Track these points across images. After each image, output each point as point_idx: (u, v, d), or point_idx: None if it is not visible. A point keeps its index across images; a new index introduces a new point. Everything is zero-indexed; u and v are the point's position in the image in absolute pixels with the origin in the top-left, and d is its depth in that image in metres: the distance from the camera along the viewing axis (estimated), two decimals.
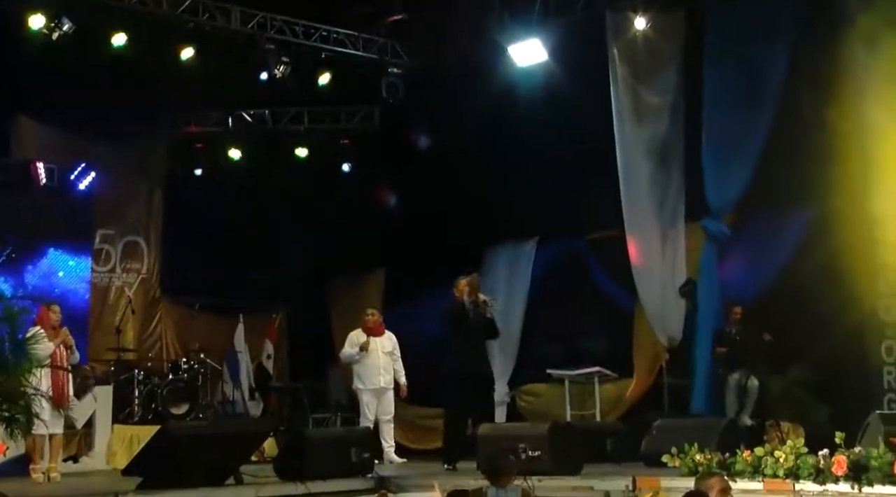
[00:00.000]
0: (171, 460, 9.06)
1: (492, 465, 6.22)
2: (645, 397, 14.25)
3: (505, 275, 15.68)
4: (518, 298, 15.49)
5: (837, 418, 10.62)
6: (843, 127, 11.77)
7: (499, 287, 15.52)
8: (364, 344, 12.57)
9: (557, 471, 9.61)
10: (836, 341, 11.90)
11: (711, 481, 6.88)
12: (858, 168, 11.66)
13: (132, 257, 16.31)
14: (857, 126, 11.63)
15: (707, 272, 13.15)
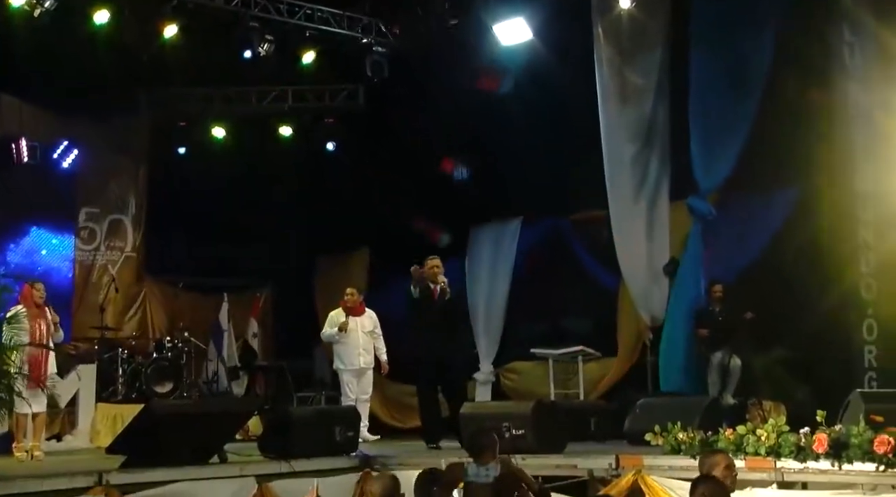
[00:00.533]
0: (154, 439, 9.05)
1: (473, 442, 6.22)
2: (628, 376, 14.32)
3: (489, 254, 15.72)
4: (502, 278, 15.54)
5: (819, 397, 10.67)
6: (827, 108, 11.81)
7: (483, 266, 15.59)
8: (343, 324, 12.56)
9: (541, 449, 9.63)
10: (818, 320, 11.96)
11: (716, 458, 6.91)
12: (842, 149, 11.69)
13: (116, 236, 16.28)
14: (842, 107, 11.66)
15: (692, 251, 13.18)
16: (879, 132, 11.37)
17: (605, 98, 13.36)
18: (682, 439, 8.93)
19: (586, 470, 9.15)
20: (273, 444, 9.97)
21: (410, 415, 14.12)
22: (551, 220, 15.59)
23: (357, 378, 12.67)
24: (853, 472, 7.84)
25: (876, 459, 7.70)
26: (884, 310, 11.27)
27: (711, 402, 10.79)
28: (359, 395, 12.60)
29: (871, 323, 11.37)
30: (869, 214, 11.50)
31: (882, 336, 11.21)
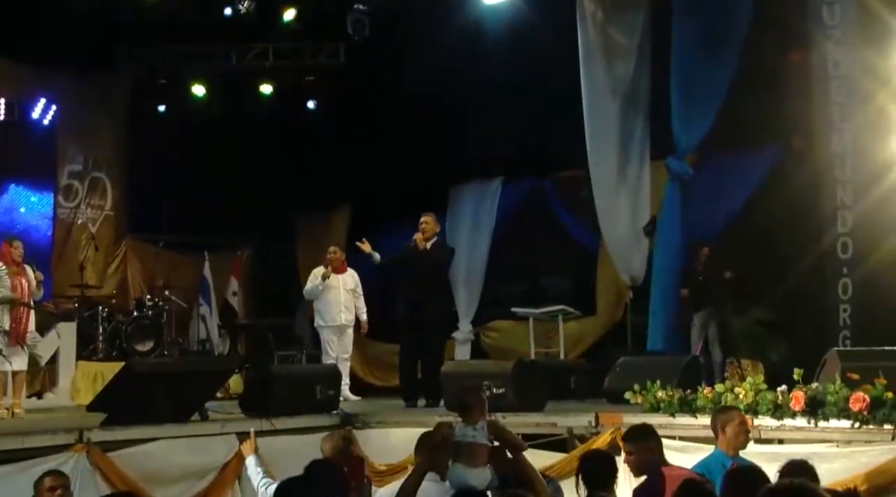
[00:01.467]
0: (135, 397, 9.06)
1: (461, 401, 6.21)
2: (608, 335, 14.40)
3: (470, 213, 15.73)
4: (483, 237, 15.56)
5: (796, 355, 10.77)
6: (806, 68, 11.82)
7: (463, 226, 15.60)
8: (325, 273, 12.57)
9: (521, 407, 9.70)
10: (796, 279, 12.05)
11: (732, 413, 6.99)
12: (821, 109, 11.72)
13: (96, 194, 16.18)
14: (821, 67, 11.67)
15: (670, 211, 13.22)
16: (857, 92, 11.39)
17: (588, 56, 13.32)
18: (661, 398, 9.01)
19: (566, 428, 9.23)
20: (254, 402, 10.01)
21: (391, 373, 14.16)
22: (532, 179, 15.59)
23: (338, 335, 12.69)
24: (829, 429, 7.95)
25: (851, 417, 7.81)
26: (859, 269, 11.34)
27: (690, 360, 10.86)
28: (339, 354, 12.63)
29: (846, 282, 11.44)
30: (846, 174, 11.54)
31: (856, 295, 11.29)
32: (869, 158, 11.23)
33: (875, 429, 7.72)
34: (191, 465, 8.83)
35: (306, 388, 10.28)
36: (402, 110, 15.26)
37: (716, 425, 6.94)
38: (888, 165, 10.88)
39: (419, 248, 11.55)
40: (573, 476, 7.35)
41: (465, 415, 5.99)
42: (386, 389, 14.18)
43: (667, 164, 13.16)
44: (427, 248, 11.60)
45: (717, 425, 6.93)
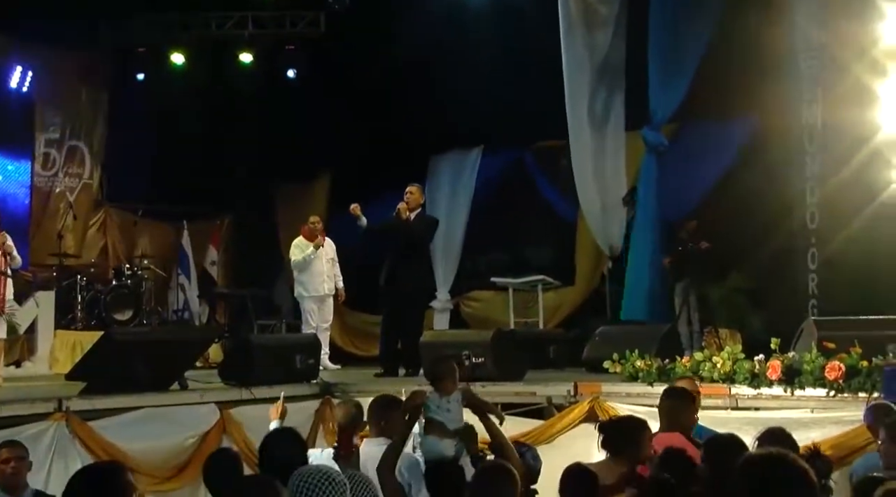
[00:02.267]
0: (114, 366, 9.04)
1: (433, 370, 6.22)
2: (587, 305, 14.44)
3: (449, 183, 15.72)
4: (461, 206, 15.56)
5: (773, 324, 10.83)
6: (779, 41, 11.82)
7: (442, 195, 15.59)
8: (317, 242, 12.56)
9: (501, 377, 9.74)
10: (771, 250, 12.12)
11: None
12: (793, 82, 11.74)
13: (74, 162, 16.09)
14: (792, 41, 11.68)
15: (646, 182, 13.23)
16: (828, 65, 11.41)
17: (568, 26, 13.26)
18: (639, 367, 9.07)
19: (545, 397, 9.28)
20: (234, 372, 10.01)
21: (371, 343, 14.19)
22: (512, 149, 15.59)
23: (319, 305, 12.71)
24: (805, 397, 8.04)
25: (827, 385, 7.89)
26: (825, 239, 11.43)
27: (669, 330, 10.92)
28: (319, 324, 12.64)
29: (814, 251, 11.54)
30: (816, 147, 11.60)
31: (823, 265, 11.38)
32: (838, 130, 11.27)
33: (850, 397, 7.81)
34: (171, 435, 8.82)
35: (286, 358, 10.27)
36: (382, 80, 15.21)
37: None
38: (859, 138, 10.92)
39: (402, 218, 11.54)
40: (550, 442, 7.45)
41: (437, 385, 6.00)
42: (365, 359, 14.20)
43: (643, 135, 13.17)
44: (410, 218, 11.60)
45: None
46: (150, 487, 8.28)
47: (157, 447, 8.69)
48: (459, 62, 14.65)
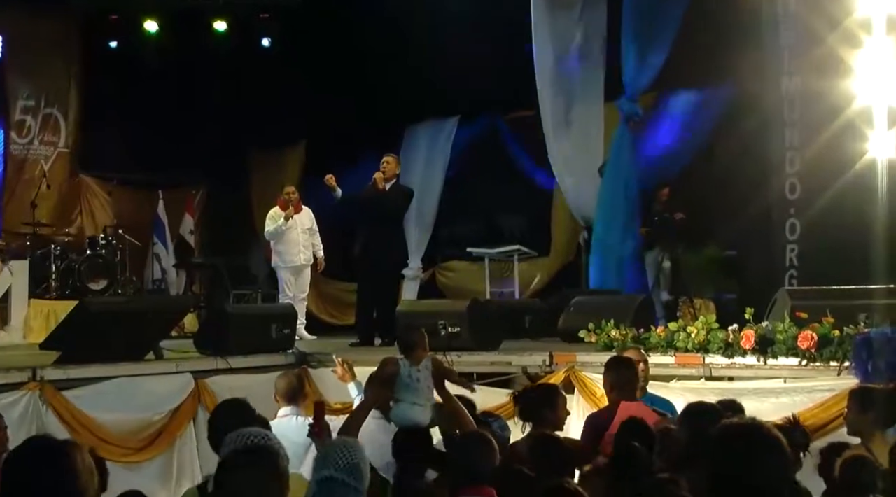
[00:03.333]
0: (89, 335, 9.01)
1: (403, 341, 6.26)
2: (563, 275, 14.49)
3: (424, 152, 15.69)
4: (436, 176, 15.56)
5: (748, 294, 10.91)
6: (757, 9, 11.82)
7: (417, 164, 15.56)
8: (288, 213, 12.52)
9: (476, 347, 9.76)
10: (747, 220, 12.16)
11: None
12: (771, 51, 11.76)
13: (49, 130, 15.96)
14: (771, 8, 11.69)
15: (622, 152, 13.25)
16: (807, 34, 11.43)
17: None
18: (614, 337, 9.10)
19: (521, 367, 9.31)
20: (209, 341, 9.98)
21: (346, 311, 14.21)
22: (487, 118, 15.58)
23: (296, 275, 12.70)
24: (777, 366, 8.11)
25: (800, 354, 7.97)
26: (806, 210, 11.48)
27: (644, 300, 10.97)
28: (296, 293, 12.64)
29: (793, 222, 11.59)
30: (795, 116, 11.64)
31: (803, 235, 11.44)
32: (817, 99, 11.31)
33: (822, 366, 7.89)
34: (145, 404, 8.81)
35: (261, 327, 10.25)
36: (357, 48, 15.13)
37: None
38: (836, 108, 10.97)
39: (378, 188, 11.50)
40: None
41: (407, 353, 6.04)
42: (341, 328, 14.21)
43: (618, 105, 13.17)
44: (386, 188, 11.56)
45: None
46: (121, 458, 8.26)
47: (131, 417, 8.66)
48: (436, 31, 14.59)
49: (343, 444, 4.72)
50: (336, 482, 4.49)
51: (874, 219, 10.19)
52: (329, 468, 4.56)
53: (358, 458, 4.66)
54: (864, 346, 7.46)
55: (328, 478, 4.52)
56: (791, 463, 3.50)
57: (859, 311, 8.18)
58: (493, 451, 4.83)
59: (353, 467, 4.58)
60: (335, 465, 4.56)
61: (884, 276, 9.26)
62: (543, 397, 6.34)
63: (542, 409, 6.16)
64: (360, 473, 4.64)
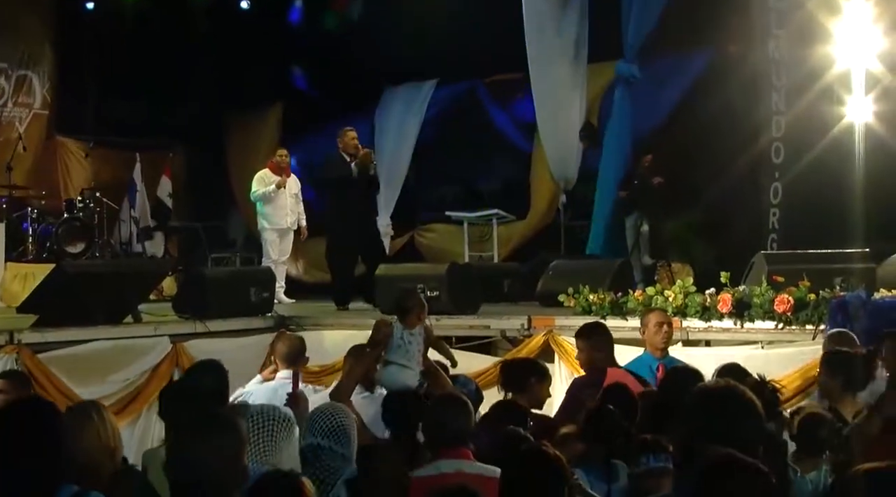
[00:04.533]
0: (67, 298, 8.98)
1: (400, 304, 6.26)
2: (542, 238, 14.51)
3: (400, 114, 15.62)
4: (408, 137, 15.48)
5: (728, 258, 10.97)
6: None
7: (392, 125, 15.51)
8: (280, 181, 12.47)
9: (455, 310, 9.78)
10: (730, 183, 12.21)
11: (648, 315, 7.30)
12: (758, 14, 11.75)
13: (23, 92, 15.80)
14: None
15: (618, 116, 13.25)
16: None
17: None
18: (593, 300, 9.15)
19: (499, 330, 9.35)
20: (187, 305, 9.97)
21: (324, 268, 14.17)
22: (467, 82, 15.53)
23: (281, 238, 12.67)
24: (754, 330, 8.18)
25: (776, 318, 8.04)
26: (789, 173, 11.53)
27: (622, 264, 11.00)
28: (279, 257, 12.62)
29: (777, 186, 11.64)
30: (782, 80, 11.65)
31: (786, 199, 11.50)
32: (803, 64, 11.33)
33: (798, 329, 7.97)
34: (123, 367, 8.80)
35: (240, 291, 10.24)
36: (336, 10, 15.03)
37: (641, 328, 7.20)
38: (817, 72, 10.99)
39: (369, 162, 11.42)
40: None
41: (402, 317, 6.05)
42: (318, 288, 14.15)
43: (616, 67, 13.14)
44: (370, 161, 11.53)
45: (641, 327, 7.18)
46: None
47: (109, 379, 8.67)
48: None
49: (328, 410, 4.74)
50: (322, 449, 4.51)
51: (852, 183, 10.25)
52: (315, 435, 4.57)
53: (344, 422, 4.67)
54: (839, 309, 7.52)
55: (314, 445, 4.54)
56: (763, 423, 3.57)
57: (835, 274, 8.26)
58: (469, 412, 4.86)
59: (338, 433, 4.60)
60: (320, 432, 4.58)
61: (861, 240, 9.34)
62: (529, 370, 6.37)
63: (525, 381, 6.19)
64: (347, 438, 4.66)
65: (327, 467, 4.40)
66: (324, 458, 4.54)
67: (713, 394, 3.62)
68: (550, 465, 3.88)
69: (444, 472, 4.55)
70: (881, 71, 10.45)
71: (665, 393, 5.33)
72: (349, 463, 4.59)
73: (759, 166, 11.92)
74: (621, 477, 4.58)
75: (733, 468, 3.15)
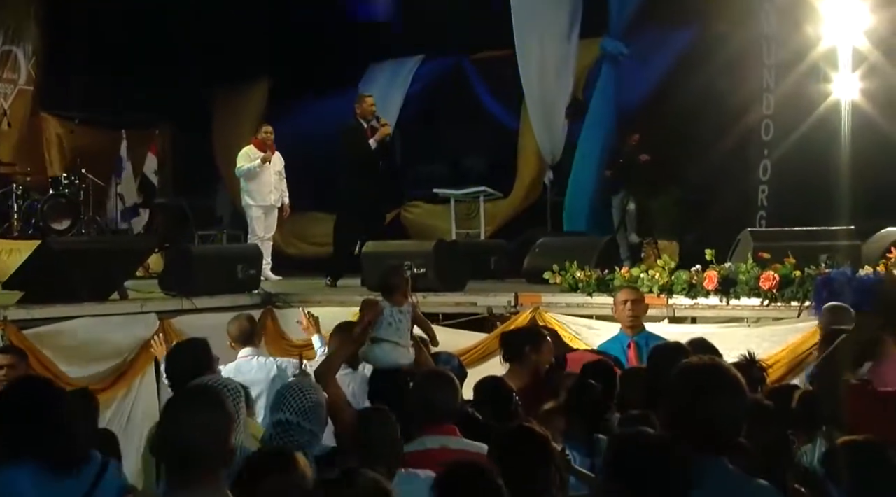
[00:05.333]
0: (52, 275, 8.95)
1: (385, 282, 6.25)
2: (528, 215, 14.52)
3: (384, 89, 15.56)
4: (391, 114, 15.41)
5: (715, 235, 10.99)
6: None
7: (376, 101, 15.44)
8: (266, 156, 12.43)
9: (442, 287, 9.79)
10: (716, 161, 12.22)
11: (617, 294, 7.31)
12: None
13: (8, 68, 15.70)
14: None
15: (603, 93, 13.23)
16: None
17: None
18: (579, 278, 9.16)
19: (486, 307, 9.36)
20: (174, 282, 9.95)
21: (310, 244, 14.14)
22: (453, 58, 15.49)
23: (266, 214, 12.64)
24: (739, 306, 8.21)
25: (761, 295, 8.07)
26: (778, 150, 11.55)
27: (609, 241, 11.02)
28: (265, 233, 12.60)
29: (766, 163, 11.66)
30: (772, 58, 11.65)
31: (775, 175, 11.52)
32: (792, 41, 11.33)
33: (783, 306, 8.00)
34: (109, 344, 8.79)
35: (227, 268, 10.23)
36: None
37: (613, 306, 7.27)
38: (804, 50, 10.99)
39: (385, 136, 11.38)
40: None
41: (388, 295, 6.04)
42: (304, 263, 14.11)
43: (602, 43, 13.11)
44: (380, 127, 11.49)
45: (613, 306, 7.24)
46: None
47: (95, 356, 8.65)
48: None
49: (300, 387, 4.73)
50: (291, 425, 4.52)
51: (838, 160, 10.27)
52: (284, 411, 4.58)
53: (314, 399, 4.67)
54: (824, 285, 7.55)
55: (283, 421, 4.55)
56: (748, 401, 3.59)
57: (821, 251, 8.30)
58: (455, 389, 4.87)
59: (309, 410, 4.61)
60: (290, 408, 4.58)
61: (847, 217, 9.37)
62: (524, 339, 6.41)
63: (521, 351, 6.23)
64: (317, 417, 4.66)
65: (295, 443, 4.41)
66: (293, 433, 4.55)
67: (696, 371, 3.64)
68: (537, 442, 3.90)
69: (429, 448, 4.57)
70: (868, 48, 10.45)
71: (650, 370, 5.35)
72: (318, 440, 4.62)
73: (748, 143, 11.94)
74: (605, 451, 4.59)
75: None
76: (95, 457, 3.99)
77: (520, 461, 3.85)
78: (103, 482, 3.91)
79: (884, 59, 10.72)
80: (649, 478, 3.25)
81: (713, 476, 3.35)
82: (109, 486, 3.94)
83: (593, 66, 13.67)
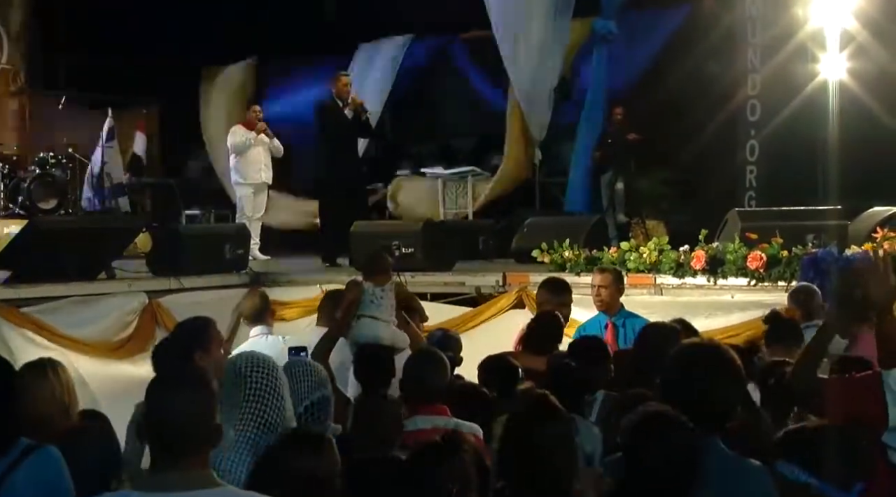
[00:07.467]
0: (40, 255, 8.92)
1: (368, 262, 6.29)
2: (517, 195, 14.52)
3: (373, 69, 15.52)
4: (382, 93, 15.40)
5: (702, 216, 11.03)
6: None
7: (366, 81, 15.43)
8: (259, 127, 12.38)
9: (430, 267, 9.79)
10: (706, 141, 12.24)
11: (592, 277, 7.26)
12: None
13: None
14: None
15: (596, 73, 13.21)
16: None
17: None
18: (567, 257, 9.18)
19: (474, 287, 9.37)
20: (162, 261, 9.93)
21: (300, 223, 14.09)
22: (442, 37, 15.44)
23: (255, 194, 12.62)
24: (727, 286, 8.25)
25: (748, 274, 8.11)
26: (765, 131, 11.58)
27: (597, 221, 11.03)
28: (253, 213, 12.57)
29: (753, 144, 11.68)
30: (757, 38, 11.66)
31: (763, 156, 11.55)
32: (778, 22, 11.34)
33: (770, 285, 8.04)
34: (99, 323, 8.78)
35: (215, 247, 10.20)
36: None
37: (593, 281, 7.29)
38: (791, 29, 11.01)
39: (361, 110, 11.34)
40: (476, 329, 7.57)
41: (371, 276, 6.08)
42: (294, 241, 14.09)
43: (593, 23, 13.09)
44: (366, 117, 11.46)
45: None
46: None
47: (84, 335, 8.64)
48: None
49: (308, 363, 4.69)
50: (327, 399, 4.47)
51: (826, 141, 10.31)
52: (322, 388, 4.48)
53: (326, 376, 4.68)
54: (811, 265, 7.59)
55: (324, 397, 4.46)
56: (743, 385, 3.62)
57: (808, 231, 8.35)
58: (444, 368, 4.89)
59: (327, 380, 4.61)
60: (323, 383, 4.50)
61: (834, 197, 9.41)
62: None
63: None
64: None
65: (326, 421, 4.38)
66: (328, 406, 4.46)
67: (694, 353, 3.65)
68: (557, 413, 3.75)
69: (420, 428, 4.58)
70: (855, 28, 10.47)
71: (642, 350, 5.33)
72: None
73: (735, 124, 11.96)
74: (581, 430, 4.55)
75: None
76: (21, 444, 3.68)
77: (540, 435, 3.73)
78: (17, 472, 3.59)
79: (872, 38, 10.74)
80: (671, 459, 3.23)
81: (709, 456, 3.37)
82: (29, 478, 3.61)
83: (583, 47, 13.63)
